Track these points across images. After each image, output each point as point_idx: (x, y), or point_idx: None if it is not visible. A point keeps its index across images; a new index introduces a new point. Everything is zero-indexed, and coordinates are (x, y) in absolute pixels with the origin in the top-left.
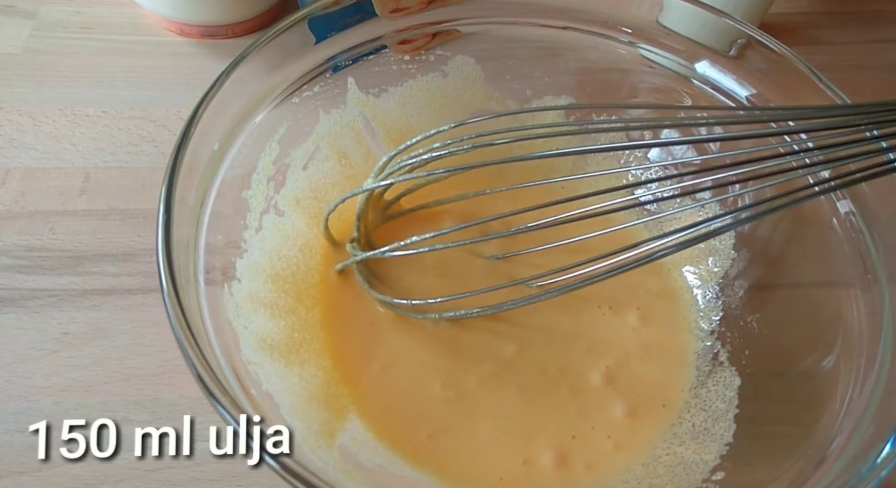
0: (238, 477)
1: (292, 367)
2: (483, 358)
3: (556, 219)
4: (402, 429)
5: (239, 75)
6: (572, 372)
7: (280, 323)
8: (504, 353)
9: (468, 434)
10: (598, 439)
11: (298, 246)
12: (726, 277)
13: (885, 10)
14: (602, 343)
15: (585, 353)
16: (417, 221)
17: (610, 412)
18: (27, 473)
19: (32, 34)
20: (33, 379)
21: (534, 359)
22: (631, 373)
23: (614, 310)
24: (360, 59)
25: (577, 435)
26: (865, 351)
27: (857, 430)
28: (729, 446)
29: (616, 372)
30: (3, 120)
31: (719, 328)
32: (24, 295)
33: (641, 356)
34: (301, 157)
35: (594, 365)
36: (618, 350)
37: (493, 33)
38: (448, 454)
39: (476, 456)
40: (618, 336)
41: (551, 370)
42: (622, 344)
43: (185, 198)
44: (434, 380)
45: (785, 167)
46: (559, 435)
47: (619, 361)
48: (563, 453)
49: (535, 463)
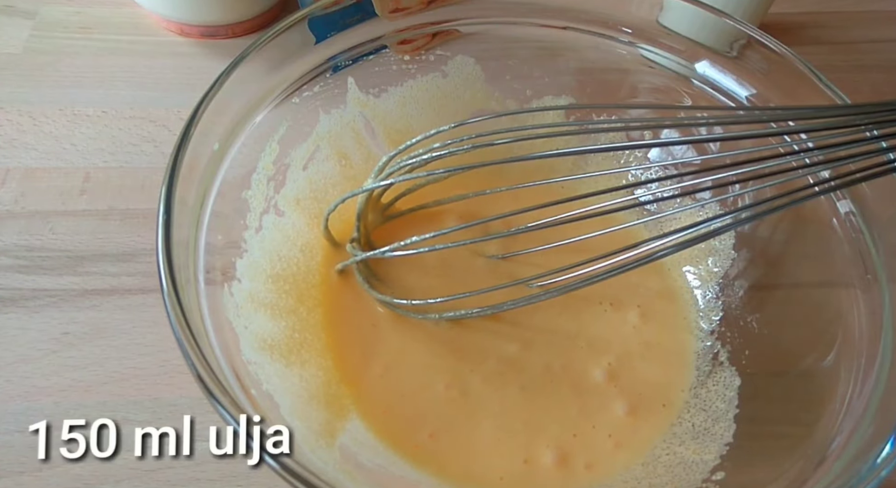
0: (238, 477)
1: (293, 367)
2: (485, 357)
3: (557, 218)
4: (403, 429)
5: (239, 75)
6: (574, 370)
7: (281, 323)
8: (506, 353)
9: (469, 433)
10: (598, 438)
11: (299, 246)
12: (726, 277)
13: (885, 10)
14: (603, 340)
15: (587, 350)
16: (418, 221)
17: (611, 410)
18: (27, 473)
19: (32, 34)
20: (33, 379)
21: (536, 358)
22: (632, 371)
23: (615, 307)
24: (360, 59)
25: (578, 433)
26: (865, 351)
27: (857, 430)
28: (729, 446)
29: (617, 369)
30: (3, 120)
31: (719, 328)
32: (24, 295)
33: (642, 354)
34: (301, 157)
35: (595, 362)
36: (619, 347)
37: (493, 33)
38: (449, 454)
39: (477, 455)
40: (619, 333)
41: (553, 368)
42: (623, 341)
43: (185, 198)
44: (436, 380)
45: (785, 167)
46: (560, 434)
47: (620, 358)
48: (563, 452)
49: (535, 462)
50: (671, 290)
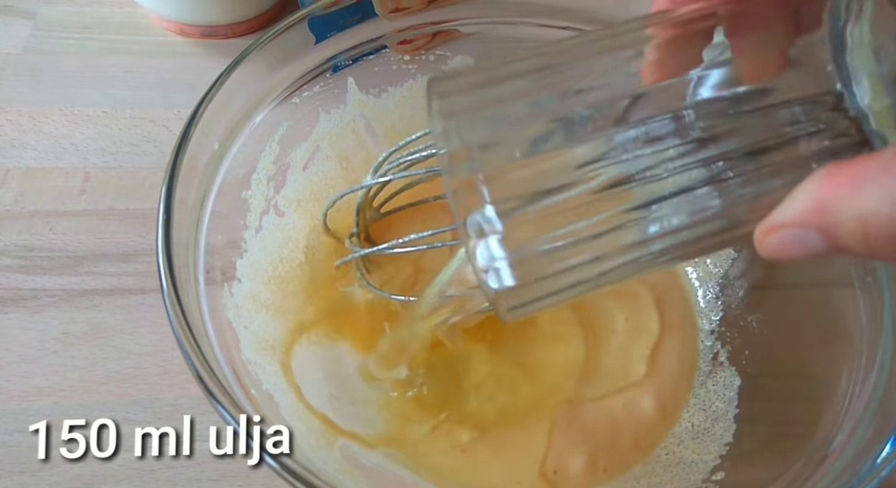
0: (238, 477)
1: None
2: (487, 356)
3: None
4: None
5: (239, 75)
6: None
7: (284, 324)
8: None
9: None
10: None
11: (301, 247)
12: (726, 277)
13: None
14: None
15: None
16: (418, 215)
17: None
18: (27, 473)
19: (32, 34)
20: (33, 380)
21: (532, 359)
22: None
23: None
24: (360, 59)
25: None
26: (865, 351)
27: (857, 430)
28: (729, 446)
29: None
30: (3, 120)
31: (719, 328)
32: (24, 295)
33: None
34: (301, 157)
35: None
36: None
37: (493, 33)
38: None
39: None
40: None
41: (542, 366)
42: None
43: (185, 198)
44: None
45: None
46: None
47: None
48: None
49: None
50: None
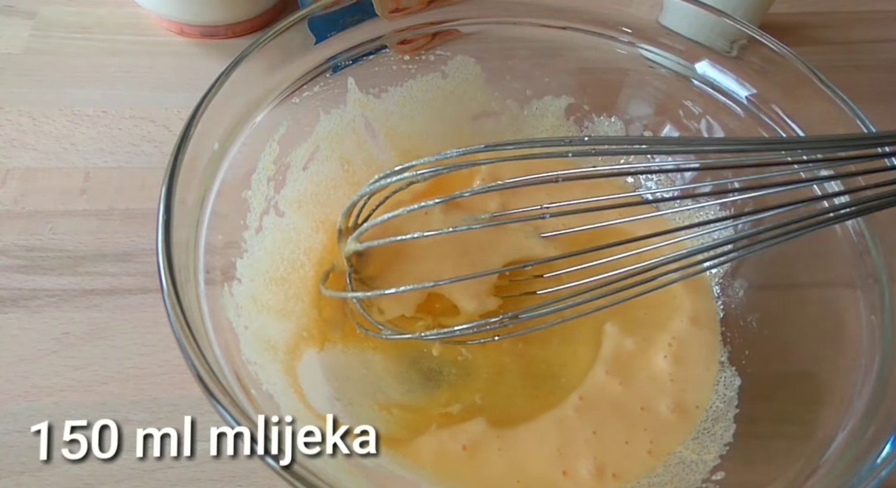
0: (238, 477)
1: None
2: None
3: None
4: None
5: (239, 75)
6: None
7: (287, 325)
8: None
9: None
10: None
11: (302, 248)
12: (726, 277)
13: (885, 10)
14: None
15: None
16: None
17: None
18: (27, 473)
19: (32, 34)
20: (33, 380)
21: (539, 357)
22: None
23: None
24: (360, 59)
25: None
26: (865, 351)
27: (857, 430)
28: (729, 446)
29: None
30: (3, 120)
31: (719, 328)
32: (24, 295)
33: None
34: (301, 157)
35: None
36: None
37: (493, 33)
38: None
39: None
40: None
41: (554, 366)
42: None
43: (185, 198)
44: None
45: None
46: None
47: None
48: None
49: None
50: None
